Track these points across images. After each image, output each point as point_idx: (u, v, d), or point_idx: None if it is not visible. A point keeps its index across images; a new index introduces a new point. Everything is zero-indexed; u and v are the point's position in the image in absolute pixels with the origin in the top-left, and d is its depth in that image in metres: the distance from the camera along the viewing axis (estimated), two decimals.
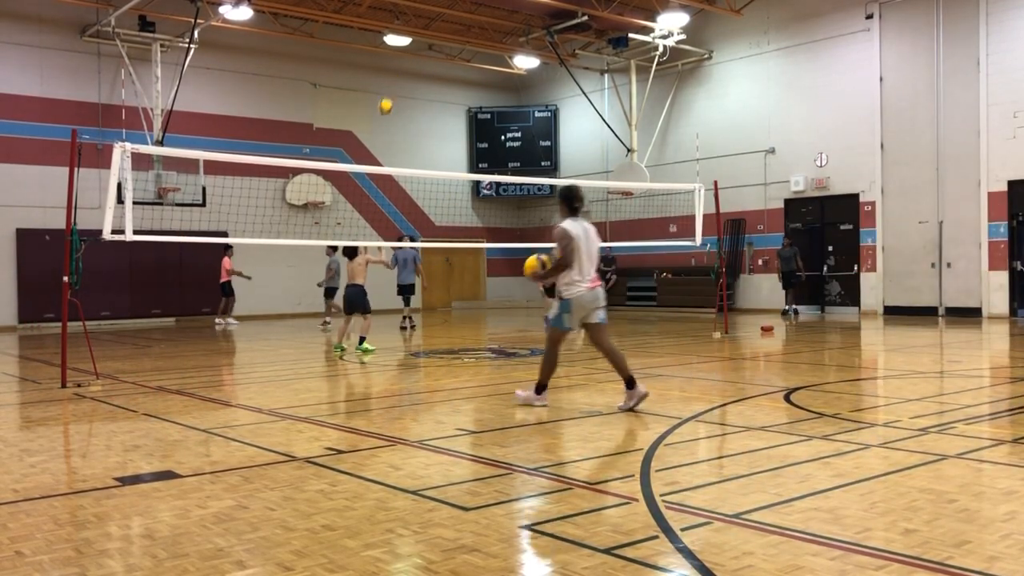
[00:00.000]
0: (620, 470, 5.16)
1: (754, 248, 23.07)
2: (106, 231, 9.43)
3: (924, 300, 19.73)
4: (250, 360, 13.33)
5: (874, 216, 20.50)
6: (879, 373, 10.28)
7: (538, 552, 3.75)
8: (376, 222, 25.38)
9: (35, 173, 20.42)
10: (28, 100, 20.66)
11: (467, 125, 28.61)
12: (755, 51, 22.84)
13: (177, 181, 21.05)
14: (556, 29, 22.81)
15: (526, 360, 11.62)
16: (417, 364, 11.83)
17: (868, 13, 20.35)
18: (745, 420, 6.78)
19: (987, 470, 5.05)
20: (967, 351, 12.39)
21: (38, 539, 3.91)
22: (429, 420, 7.39)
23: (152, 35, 21.09)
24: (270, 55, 23.91)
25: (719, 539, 3.75)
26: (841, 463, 5.16)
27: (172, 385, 9.54)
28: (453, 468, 5.34)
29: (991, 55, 18.47)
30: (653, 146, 24.95)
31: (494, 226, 28.63)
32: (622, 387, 7.37)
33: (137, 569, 3.52)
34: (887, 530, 3.85)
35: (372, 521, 4.13)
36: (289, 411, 7.55)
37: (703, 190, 15.31)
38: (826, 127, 21.28)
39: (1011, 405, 7.59)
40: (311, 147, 24.55)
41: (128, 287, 21.59)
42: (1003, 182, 18.44)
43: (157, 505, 4.49)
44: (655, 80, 24.36)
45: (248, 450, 5.92)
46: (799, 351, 12.81)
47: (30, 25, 20.66)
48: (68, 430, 7.00)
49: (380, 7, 22.42)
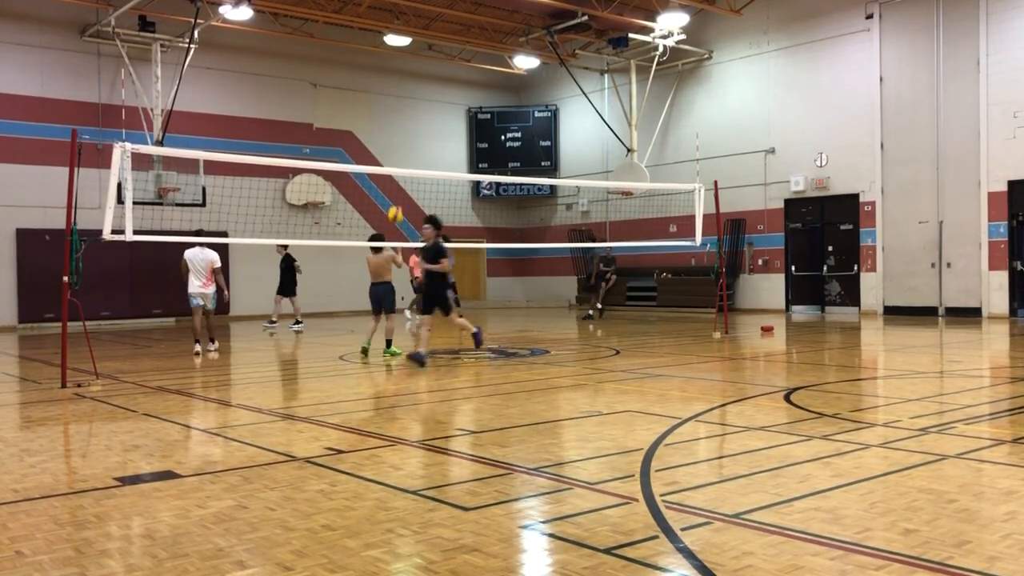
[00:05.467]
0: (620, 470, 5.16)
1: (754, 248, 23.08)
2: (106, 231, 9.43)
3: (924, 300, 19.73)
4: (250, 360, 13.32)
5: (874, 216, 20.51)
6: (879, 373, 10.28)
7: (538, 552, 3.75)
8: (376, 222, 25.35)
9: (35, 173, 20.42)
10: (28, 100, 20.66)
11: (467, 125, 28.61)
12: (755, 51, 22.84)
13: (177, 181, 21.05)
14: (556, 29, 22.82)
15: (526, 360, 11.62)
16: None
17: (868, 13, 20.35)
18: (745, 420, 6.78)
19: (987, 470, 5.05)
20: (967, 351, 12.39)
21: (38, 539, 3.91)
22: (429, 420, 7.40)
23: (152, 35, 21.09)
24: (270, 55, 23.91)
25: (719, 539, 3.75)
26: (841, 463, 5.16)
27: (172, 385, 9.54)
28: (453, 468, 5.34)
29: (991, 55, 18.47)
30: (653, 146, 24.95)
31: (494, 226, 28.63)
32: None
33: (137, 569, 3.52)
34: (887, 530, 3.85)
35: (372, 521, 4.13)
36: (289, 411, 7.55)
37: (703, 190, 15.31)
38: (826, 127, 21.28)
39: (1011, 405, 7.59)
40: (311, 147, 24.55)
41: (128, 287, 21.59)
42: (1003, 182, 18.44)
43: (157, 505, 4.49)
44: (655, 80, 24.36)
45: (248, 450, 5.92)
46: (799, 351, 12.81)
47: (30, 25, 20.66)
48: (68, 430, 7.00)
49: (380, 7, 22.42)
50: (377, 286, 12.48)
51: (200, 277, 13.24)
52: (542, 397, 8.21)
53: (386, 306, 12.44)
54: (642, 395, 8.17)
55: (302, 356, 13.22)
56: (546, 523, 4.11)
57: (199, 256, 13.27)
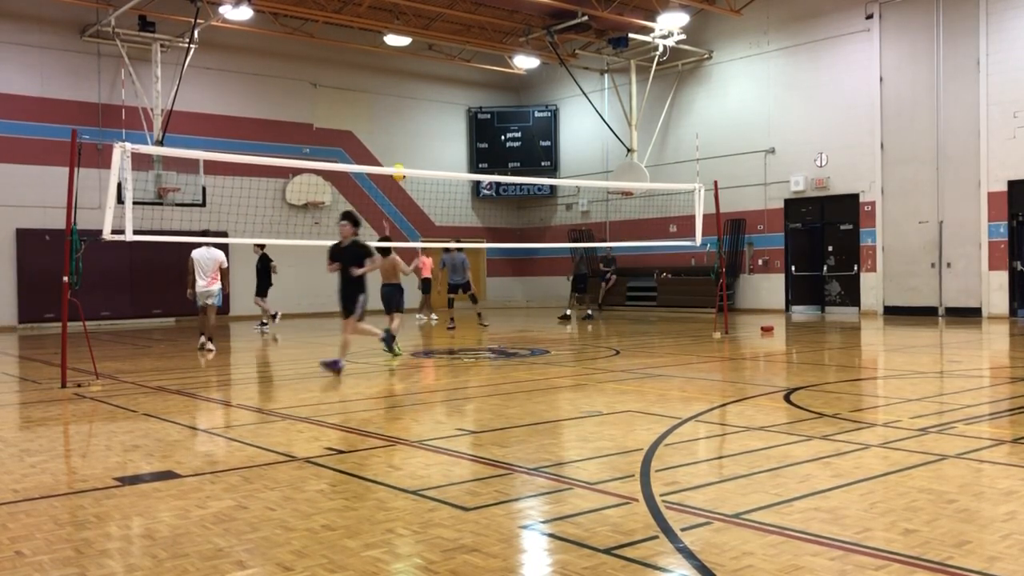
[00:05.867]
0: (620, 470, 5.16)
1: (754, 248, 23.08)
2: (106, 231, 9.43)
3: (924, 300, 19.73)
4: (250, 360, 13.33)
5: (874, 216, 20.50)
6: (879, 373, 10.28)
7: (538, 552, 3.75)
8: (376, 222, 25.37)
9: (35, 173, 20.41)
10: (28, 100, 20.65)
11: (467, 125, 28.61)
12: (755, 51, 22.84)
13: (177, 181, 21.05)
14: (556, 29, 22.81)
15: (526, 360, 11.62)
16: (417, 364, 11.82)
17: (868, 13, 20.35)
18: (745, 420, 6.78)
19: (987, 470, 5.05)
20: (967, 351, 12.39)
21: (38, 539, 3.91)
22: (429, 420, 7.39)
23: (152, 35, 21.08)
24: (270, 55, 23.91)
25: (719, 539, 3.75)
26: (841, 463, 5.16)
27: (172, 385, 9.54)
28: (453, 468, 5.34)
29: (991, 55, 18.47)
30: (653, 146, 24.95)
31: (494, 226, 28.63)
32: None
33: (137, 569, 3.52)
34: (887, 530, 3.85)
35: (372, 521, 4.12)
36: (289, 411, 7.55)
37: (703, 190, 15.31)
38: (826, 127, 21.28)
39: (1011, 405, 7.59)
40: (311, 147, 24.54)
41: (128, 287, 21.59)
42: (1003, 182, 18.44)
43: (157, 505, 4.49)
44: (655, 80, 24.36)
45: (248, 450, 5.92)
46: (799, 351, 12.81)
47: (30, 25, 20.66)
48: (68, 430, 7.00)
49: (380, 7, 22.42)
50: (388, 287, 12.98)
51: (205, 276, 13.55)
52: (542, 397, 8.21)
53: (394, 306, 12.85)
54: (642, 395, 8.17)
55: (302, 356, 13.22)
56: (546, 523, 4.11)
57: (205, 256, 13.63)
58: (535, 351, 12.92)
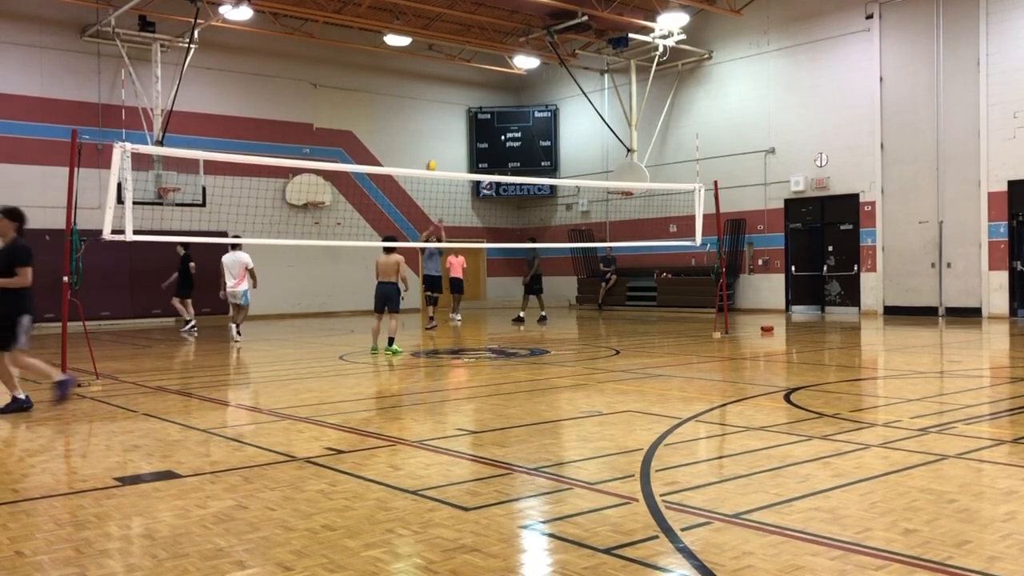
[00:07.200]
0: (620, 470, 5.16)
1: (754, 248, 23.08)
2: (106, 231, 9.43)
3: (924, 300, 19.73)
4: (250, 360, 13.33)
5: (874, 216, 20.50)
6: (879, 373, 10.28)
7: (538, 552, 3.75)
8: (376, 222, 25.37)
9: (35, 173, 20.40)
10: (28, 100, 20.64)
11: (467, 125, 28.61)
12: (755, 51, 22.84)
13: (177, 181, 21.04)
14: (556, 29, 22.80)
15: (526, 360, 11.62)
16: (417, 364, 11.82)
17: (868, 13, 20.34)
18: (745, 420, 6.78)
19: (987, 470, 5.05)
20: (967, 351, 12.39)
21: (38, 539, 3.91)
22: (429, 420, 7.39)
23: (152, 35, 21.07)
24: (270, 55, 23.90)
25: (719, 539, 3.75)
26: (841, 463, 5.16)
27: (172, 385, 9.54)
28: (453, 468, 5.34)
29: (991, 55, 18.47)
30: (653, 146, 24.94)
31: (494, 226, 28.62)
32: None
33: (137, 569, 3.52)
34: (887, 530, 3.85)
35: (372, 521, 4.13)
36: (289, 411, 7.55)
37: (703, 190, 15.30)
38: (826, 127, 21.28)
39: (1011, 405, 7.59)
40: (311, 147, 24.54)
41: (128, 287, 21.57)
42: (1003, 182, 18.44)
43: (157, 505, 4.49)
44: (655, 80, 24.36)
45: (248, 450, 5.92)
46: (799, 351, 12.81)
47: (30, 25, 20.65)
48: (68, 430, 6.99)
49: (380, 7, 22.42)
50: (385, 285, 12.61)
51: (232, 277, 15.25)
52: (542, 397, 8.21)
53: (391, 306, 12.61)
54: (642, 395, 8.17)
55: (302, 356, 13.22)
56: (546, 523, 4.11)
57: (233, 259, 15.36)
58: (535, 351, 12.92)
